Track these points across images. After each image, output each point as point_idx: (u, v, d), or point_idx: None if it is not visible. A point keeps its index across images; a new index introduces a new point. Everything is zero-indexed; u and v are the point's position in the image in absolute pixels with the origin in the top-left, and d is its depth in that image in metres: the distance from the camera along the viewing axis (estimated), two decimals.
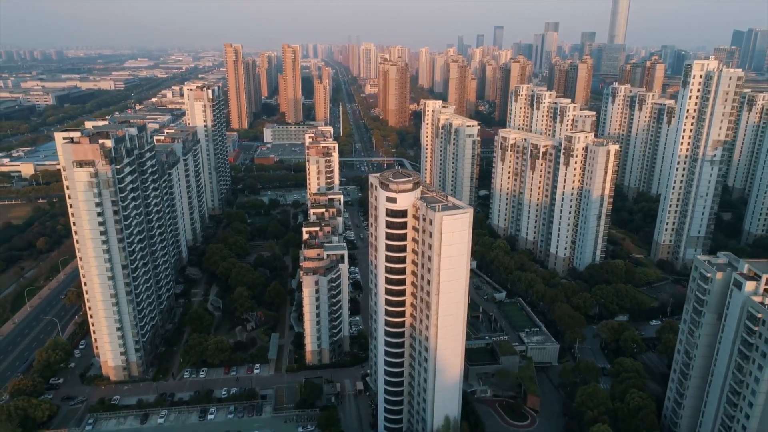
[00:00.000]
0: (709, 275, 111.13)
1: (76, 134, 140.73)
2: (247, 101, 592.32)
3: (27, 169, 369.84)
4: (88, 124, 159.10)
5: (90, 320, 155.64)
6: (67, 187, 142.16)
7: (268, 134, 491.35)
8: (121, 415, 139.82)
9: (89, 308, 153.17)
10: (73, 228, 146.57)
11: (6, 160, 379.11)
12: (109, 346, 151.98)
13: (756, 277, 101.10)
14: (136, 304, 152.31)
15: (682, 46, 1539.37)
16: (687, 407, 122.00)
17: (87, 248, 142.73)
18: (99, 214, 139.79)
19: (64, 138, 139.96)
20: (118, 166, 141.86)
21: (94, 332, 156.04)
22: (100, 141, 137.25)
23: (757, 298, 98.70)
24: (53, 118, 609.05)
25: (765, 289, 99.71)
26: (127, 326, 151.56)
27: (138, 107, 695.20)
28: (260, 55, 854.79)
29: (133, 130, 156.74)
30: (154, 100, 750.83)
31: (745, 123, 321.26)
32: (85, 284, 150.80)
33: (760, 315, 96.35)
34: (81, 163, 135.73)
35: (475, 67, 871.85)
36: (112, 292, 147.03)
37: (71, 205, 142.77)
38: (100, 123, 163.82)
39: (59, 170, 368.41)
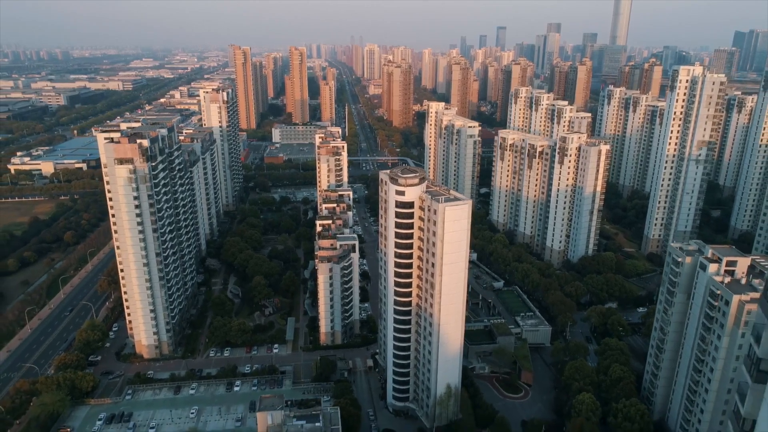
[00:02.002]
0: (680, 260, 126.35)
1: (116, 134, 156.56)
2: (255, 102, 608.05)
3: (47, 167, 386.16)
4: (124, 126, 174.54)
5: (125, 303, 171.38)
6: (107, 182, 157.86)
7: (276, 134, 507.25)
8: (156, 387, 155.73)
9: (125, 292, 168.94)
10: (112, 219, 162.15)
11: (27, 159, 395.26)
12: (143, 327, 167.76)
13: (718, 260, 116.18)
14: (167, 289, 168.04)
15: (684, 46, 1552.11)
16: (662, 377, 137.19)
17: (125, 237, 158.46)
18: (137, 207, 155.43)
19: (105, 138, 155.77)
20: (153, 164, 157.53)
21: (128, 314, 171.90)
22: (138, 141, 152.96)
23: (718, 278, 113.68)
24: (66, 119, 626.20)
25: (725, 270, 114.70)
26: (160, 308, 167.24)
27: (147, 107, 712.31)
28: (266, 56, 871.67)
29: (164, 131, 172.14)
30: (162, 100, 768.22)
31: (735, 124, 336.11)
32: (122, 270, 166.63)
33: (719, 292, 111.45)
34: (121, 161, 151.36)
35: (477, 69, 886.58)
36: (146, 278, 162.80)
37: (111, 198, 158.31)
38: (135, 125, 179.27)
39: (78, 168, 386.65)
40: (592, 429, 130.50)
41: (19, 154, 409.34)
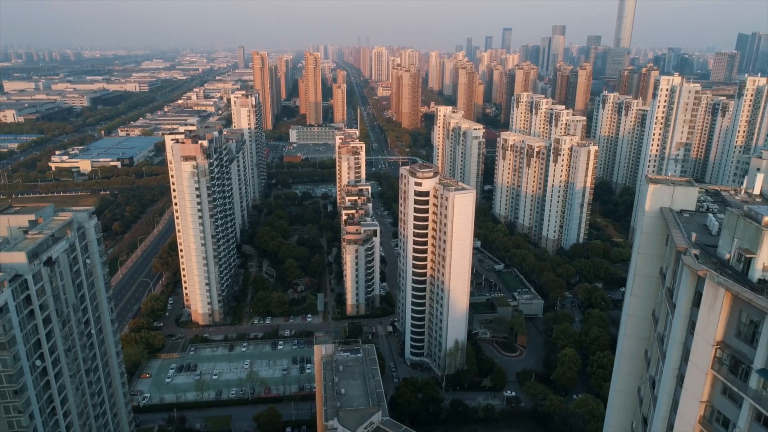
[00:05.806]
0: None
1: (180, 136, 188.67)
2: (271, 104, 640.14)
3: (84, 165, 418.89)
4: (181, 128, 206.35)
5: (183, 278, 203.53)
6: (172, 176, 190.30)
7: (293, 135, 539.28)
8: (214, 345, 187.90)
9: (184, 268, 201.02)
10: (175, 207, 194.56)
11: (65, 157, 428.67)
12: (199, 298, 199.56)
13: None
14: (219, 266, 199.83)
15: (688, 48, 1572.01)
16: None
17: (187, 222, 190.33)
18: (197, 197, 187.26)
19: (172, 139, 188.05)
20: (210, 160, 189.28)
21: (186, 287, 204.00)
22: (199, 141, 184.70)
23: None
24: (92, 119, 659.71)
25: None
26: (213, 282, 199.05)
27: (167, 109, 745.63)
28: (278, 59, 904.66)
29: (216, 133, 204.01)
30: (180, 102, 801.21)
31: (720, 127, 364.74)
32: (182, 250, 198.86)
33: None
34: (186, 158, 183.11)
35: (483, 71, 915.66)
36: (203, 256, 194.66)
37: (175, 189, 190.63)
38: (192, 128, 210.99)
39: (114, 166, 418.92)
40: (573, 376, 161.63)
41: (57, 153, 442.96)
